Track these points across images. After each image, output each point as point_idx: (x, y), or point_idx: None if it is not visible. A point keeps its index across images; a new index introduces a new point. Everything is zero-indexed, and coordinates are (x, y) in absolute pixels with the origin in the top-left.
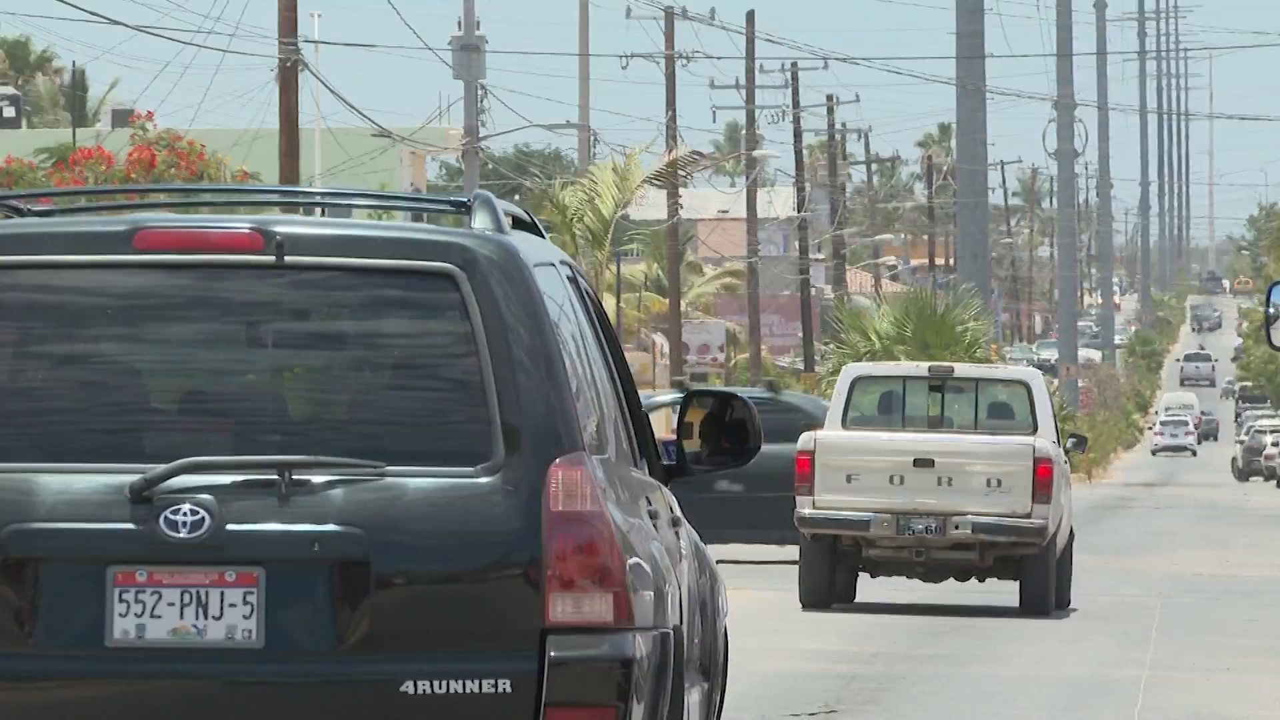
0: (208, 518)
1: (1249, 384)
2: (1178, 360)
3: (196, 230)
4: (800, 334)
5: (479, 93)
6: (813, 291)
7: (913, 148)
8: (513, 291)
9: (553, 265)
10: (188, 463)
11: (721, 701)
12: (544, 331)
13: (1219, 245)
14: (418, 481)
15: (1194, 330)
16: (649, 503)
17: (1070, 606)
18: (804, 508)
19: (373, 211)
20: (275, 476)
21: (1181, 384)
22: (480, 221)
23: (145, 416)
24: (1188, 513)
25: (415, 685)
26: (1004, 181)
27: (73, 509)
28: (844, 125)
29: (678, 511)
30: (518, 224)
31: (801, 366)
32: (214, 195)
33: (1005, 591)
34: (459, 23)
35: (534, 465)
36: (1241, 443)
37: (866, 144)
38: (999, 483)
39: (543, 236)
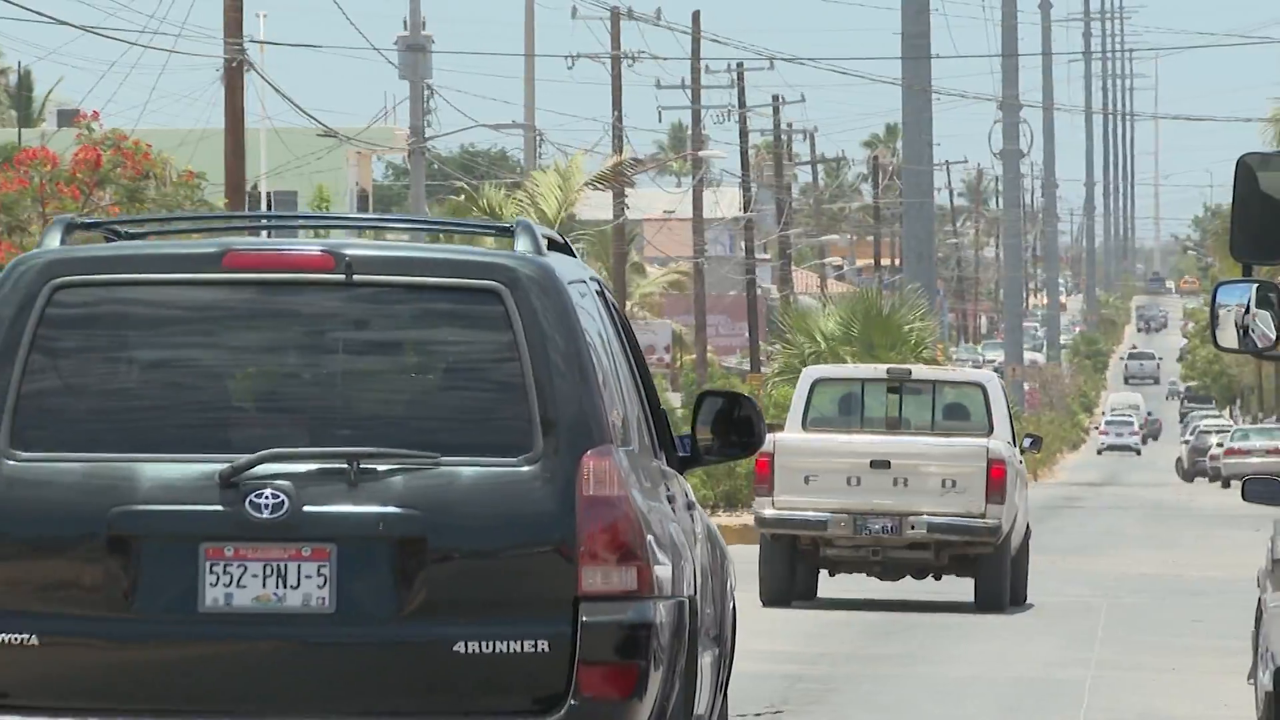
0: (287, 501)
1: (1194, 384)
2: (1122, 358)
3: (276, 252)
4: (746, 334)
5: (425, 93)
6: (759, 292)
7: (859, 148)
8: (550, 305)
9: (584, 282)
10: (270, 453)
11: (730, 667)
12: (577, 340)
13: (1164, 246)
14: (468, 470)
15: (1139, 330)
16: (667, 489)
17: (1027, 603)
18: (763, 508)
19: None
20: (345, 465)
21: (1126, 381)
22: (521, 245)
23: (232, 413)
24: (1134, 513)
25: (466, 645)
26: (949, 182)
27: (169, 493)
28: (790, 125)
29: (692, 496)
30: (553, 245)
31: (748, 367)
32: (282, 220)
33: (964, 587)
34: (405, 23)
35: (568, 456)
36: (1187, 443)
37: (812, 144)
38: (954, 483)
39: (574, 256)
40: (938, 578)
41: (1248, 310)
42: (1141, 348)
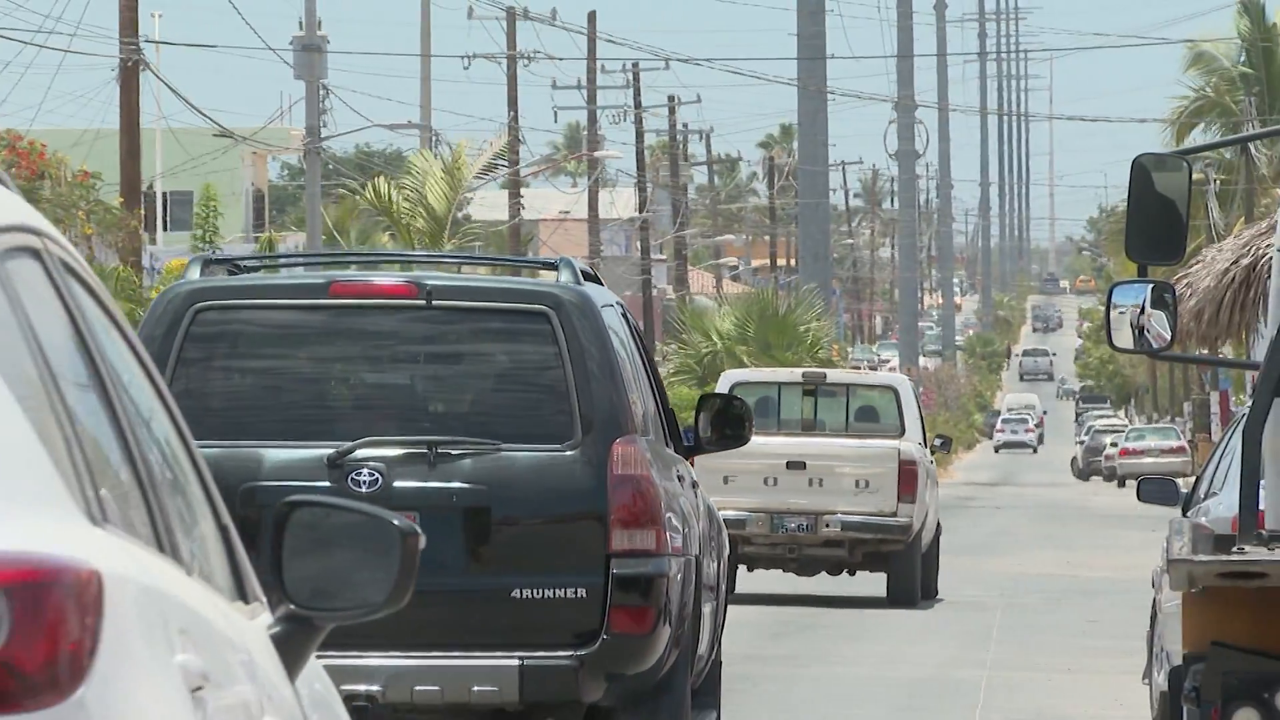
0: (380, 478)
1: (1089, 384)
2: (1017, 356)
3: (371, 283)
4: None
5: (320, 93)
6: (655, 292)
7: (754, 148)
8: (587, 324)
9: (612, 305)
10: (367, 441)
11: (724, 616)
12: (608, 352)
13: (1059, 246)
14: (522, 454)
15: (1035, 330)
16: (678, 470)
17: (938, 596)
18: None
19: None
20: (426, 450)
21: (1021, 378)
22: (564, 277)
23: (336, 410)
24: (1029, 512)
25: (521, 592)
26: (845, 182)
27: (287, 472)
28: (686, 126)
29: (695, 478)
30: (587, 277)
31: None
32: (372, 256)
33: (877, 582)
34: (300, 23)
35: (602, 443)
36: (1082, 443)
37: (708, 145)
38: (867, 484)
39: (602, 285)
40: (852, 573)
41: (1143, 311)
42: (1035, 345)
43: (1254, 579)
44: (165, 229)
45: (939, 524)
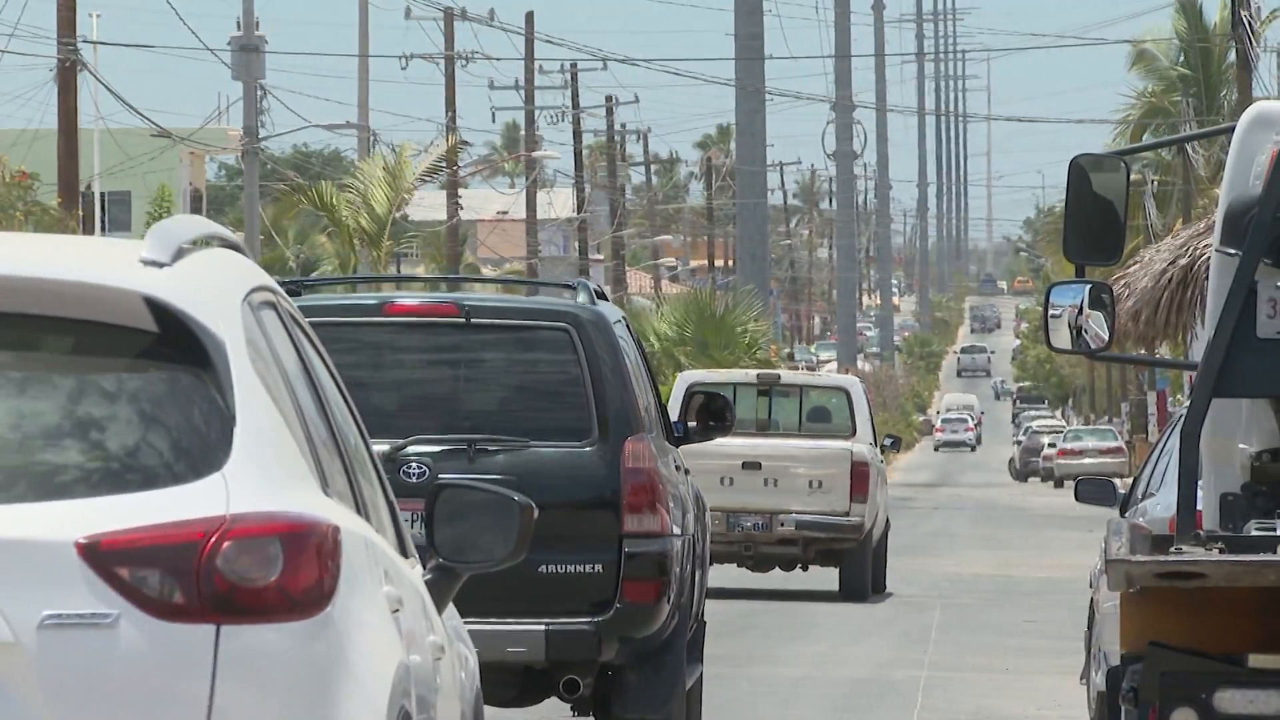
0: (427, 470)
1: (1027, 384)
2: (955, 353)
3: (420, 303)
4: None
5: (258, 93)
6: None
7: (692, 149)
8: (602, 339)
9: (620, 321)
10: (416, 439)
11: (706, 580)
12: (619, 361)
13: (997, 247)
14: (547, 450)
15: (973, 331)
16: (674, 460)
17: (886, 591)
18: None
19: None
20: (465, 446)
21: (959, 374)
22: (581, 297)
23: (390, 412)
24: (967, 513)
25: (547, 568)
26: (783, 183)
27: None
28: (623, 126)
29: (685, 465)
30: (599, 297)
31: None
32: (411, 279)
33: (828, 577)
34: (238, 23)
35: (615, 440)
36: (1019, 443)
37: (646, 145)
38: (820, 484)
39: (609, 302)
40: (805, 569)
41: (1081, 311)
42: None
43: (1192, 579)
44: (104, 229)
45: (888, 520)
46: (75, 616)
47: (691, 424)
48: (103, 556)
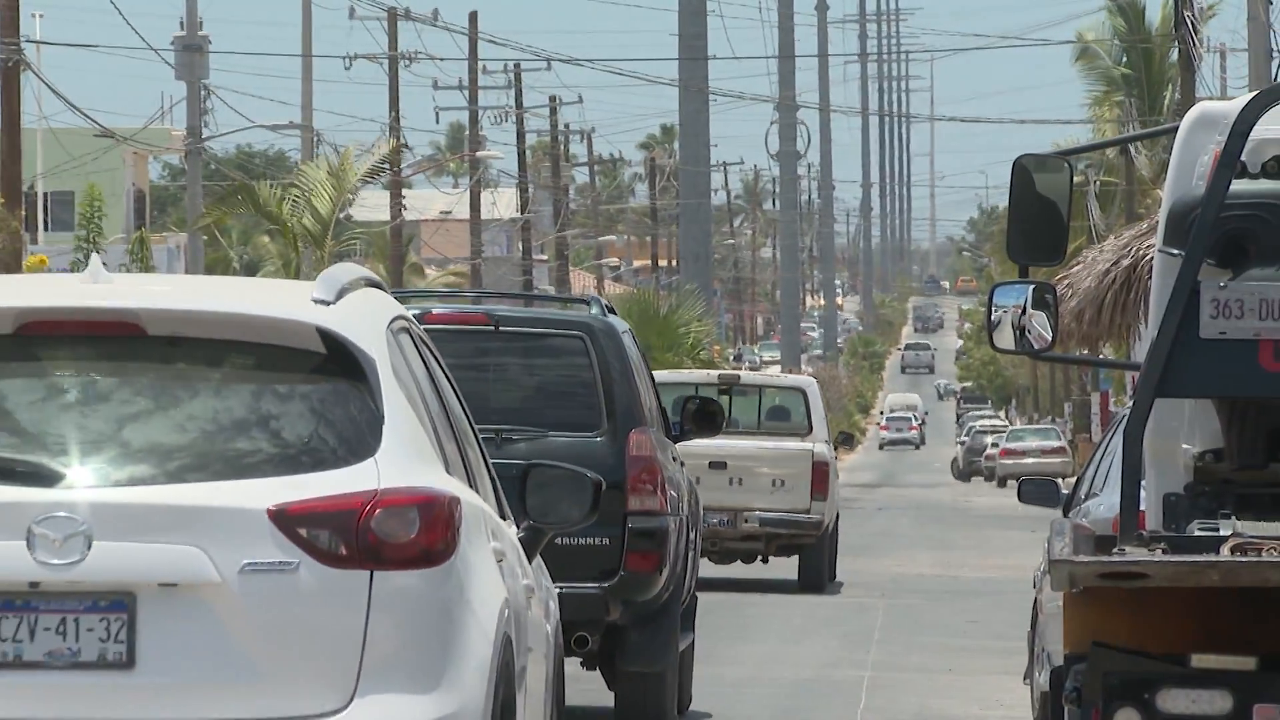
0: None
1: (970, 384)
2: (899, 349)
3: (455, 313)
4: None
5: (202, 93)
6: (536, 293)
7: (636, 149)
8: (612, 345)
9: (628, 332)
10: None
11: (698, 557)
12: (626, 365)
13: (940, 247)
14: (563, 439)
15: (916, 331)
16: (673, 452)
17: (837, 580)
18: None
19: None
20: (493, 435)
21: (903, 371)
22: (594, 310)
23: None
24: (910, 513)
25: (561, 540)
26: (726, 183)
27: None
28: (567, 126)
29: (680, 456)
30: (609, 310)
31: None
32: (447, 292)
33: (786, 566)
34: (182, 23)
35: (622, 432)
36: (962, 443)
37: (589, 145)
38: (782, 483)
39: (616, 314)
40: (765, 560)
41: (1024, 311)
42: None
43: (1135, 579)
44: (46, 229)
45: (838, 513)
46: (266, 564)
47: (687, 427)
48: (287, 520)
